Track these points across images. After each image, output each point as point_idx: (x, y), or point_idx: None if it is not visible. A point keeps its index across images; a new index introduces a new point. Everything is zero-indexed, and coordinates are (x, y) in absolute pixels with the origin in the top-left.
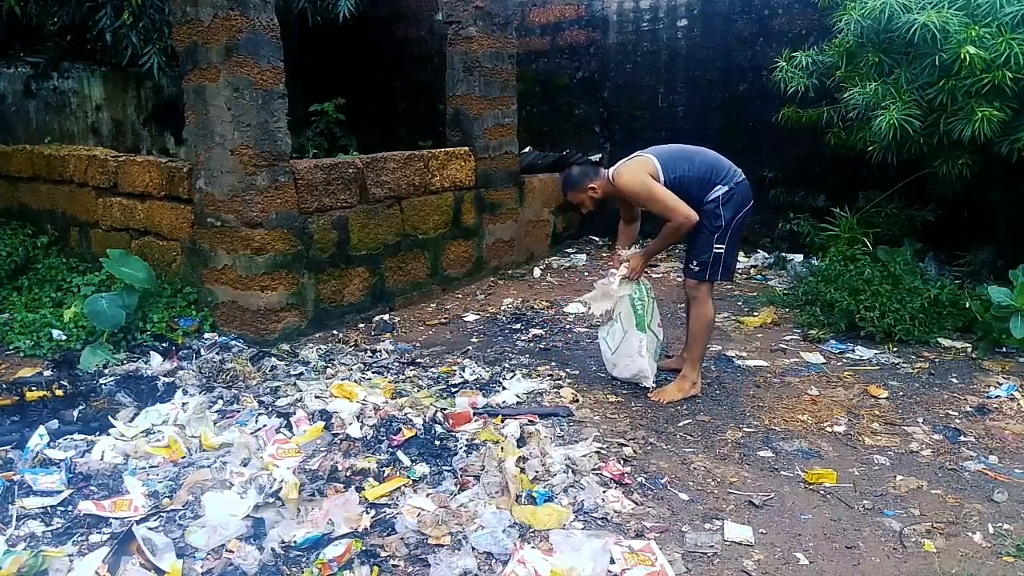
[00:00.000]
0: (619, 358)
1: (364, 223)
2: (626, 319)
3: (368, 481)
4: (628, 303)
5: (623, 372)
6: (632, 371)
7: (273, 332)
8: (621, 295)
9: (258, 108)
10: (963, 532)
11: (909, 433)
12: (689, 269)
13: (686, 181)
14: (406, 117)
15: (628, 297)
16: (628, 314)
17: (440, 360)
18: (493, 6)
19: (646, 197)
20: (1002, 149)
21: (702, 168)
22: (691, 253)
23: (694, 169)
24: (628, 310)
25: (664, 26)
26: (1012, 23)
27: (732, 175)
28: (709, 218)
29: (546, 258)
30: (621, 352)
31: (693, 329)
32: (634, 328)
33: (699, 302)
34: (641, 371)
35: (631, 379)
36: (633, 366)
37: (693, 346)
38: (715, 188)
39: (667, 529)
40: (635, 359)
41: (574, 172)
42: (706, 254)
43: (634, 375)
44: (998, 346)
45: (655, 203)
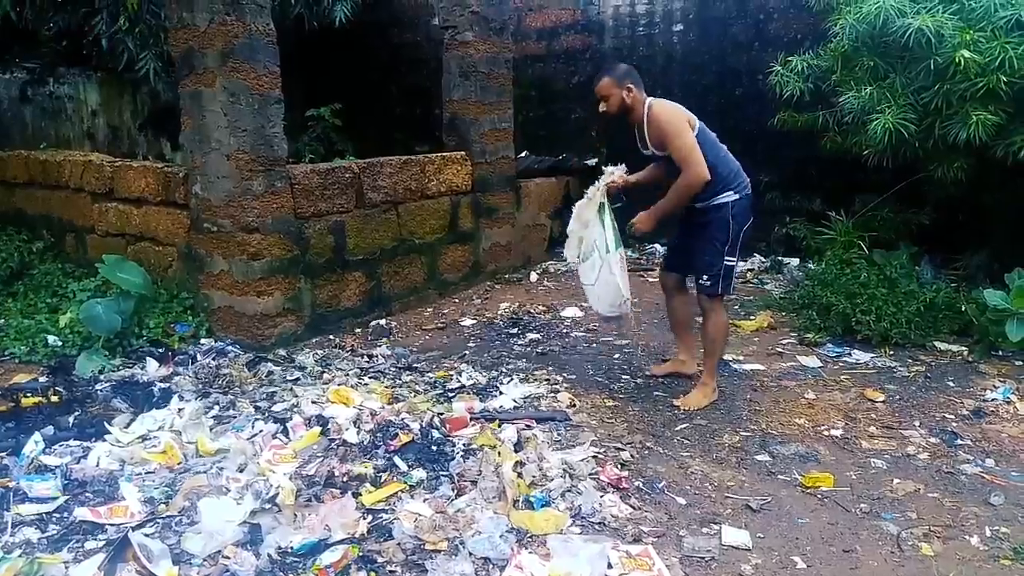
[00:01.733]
0: (600, 287)
1: (361, 228)
2: (600, 244)
3: (365, 486)
4: (599, 224)
5: (603, 303)
6: (611, 298)
7: (269, 337)
8: (592, 217)
9: (254, 113)
10: (960, 535)
11: (906, 436)
12: (701, 284)
13: (709, 165)
14: (403, 122)
15: (598, 217)
16: (601, 237)
17: (437, 365)
18: (489, 11)
19: (674, 133)
20: (997, 152)
21: (726, 164)
22: (699, 266)
23: (719, 161)
24: (600, 232)
25: (660, 31)
26: (1006, 27)
27: (745, 184)
28: (720, 229)
29: (543, 262)
30: (601, 279)
31: (713, 337)
32: (613, 249)
33: (715, 312)
34: (619, 296)
35: (612, 311)
36: (611, 291)
37: (712, 354)
38: (727, 192)
39: (664, 534)
40: (613, 280)
41: (621, 66)
42: (716, 267)
43: (614, 305)
44: (994, 349)
45: (679, 142)
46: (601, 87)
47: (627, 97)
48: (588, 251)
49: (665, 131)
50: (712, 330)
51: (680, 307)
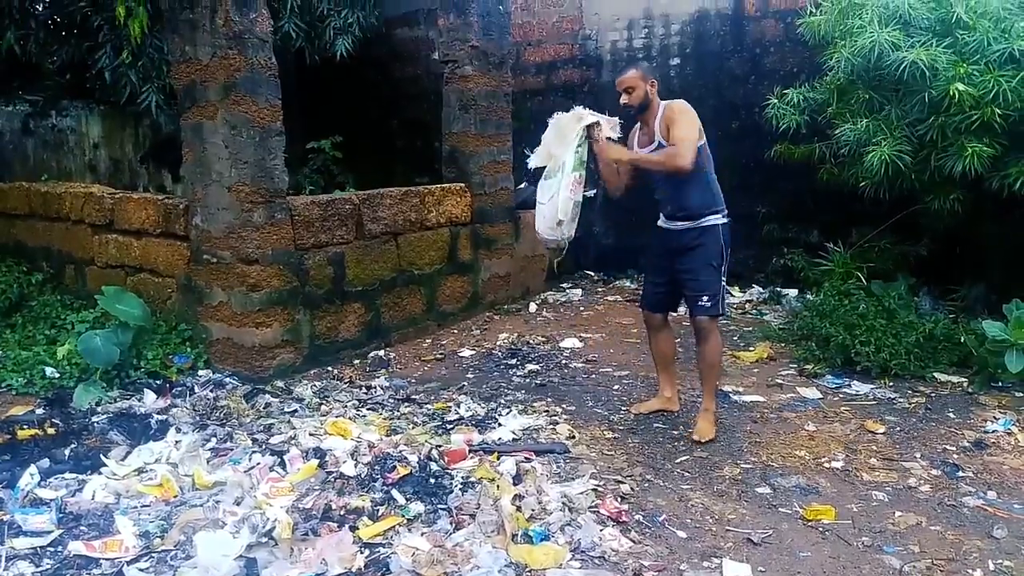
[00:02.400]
0: (549, 207)
1: (360, 259)
2: (565, 164)
3: (362, 520)
4: (572, 149)
5: (544, 223)
6: (551, 219)
7: (268, 369)
8: (571, 140)
9: (255, 145)
10: (963, 569)
11: (907, 468)
12: (701, 306)
13: (708, 179)
14: (402, 154)
15: (575, 144)
16: (569, 157)
17: (435, 396)
18: (489, 46)
19: (684, 122)
20: (992, 184)
21: (718, 185)
22: (698, 288)
23: (714, 180)
24: (571, 155)
25: (657, 64)
26: (999, 61)
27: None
28: (715, 250)
29: (542, 293)
30: (552, 199)
31: (711, 362)
32: (569, 170)
33: (713, 334)
34: (555, 217)
35: (551, 234)
36: (553, 211)
37: (711, 378)
38: (717, 213)
39: (665, 568)
40: (559, 199)
41: (644, 63)
42: (715, 286)
43: (551, 226)
44: (994, 380)
45: (683, 132)
46: (628, 78)
47: (650, 92)
48: (553, 170)
49: (677, 119)
50: (710, 354)
51: (666, 342)
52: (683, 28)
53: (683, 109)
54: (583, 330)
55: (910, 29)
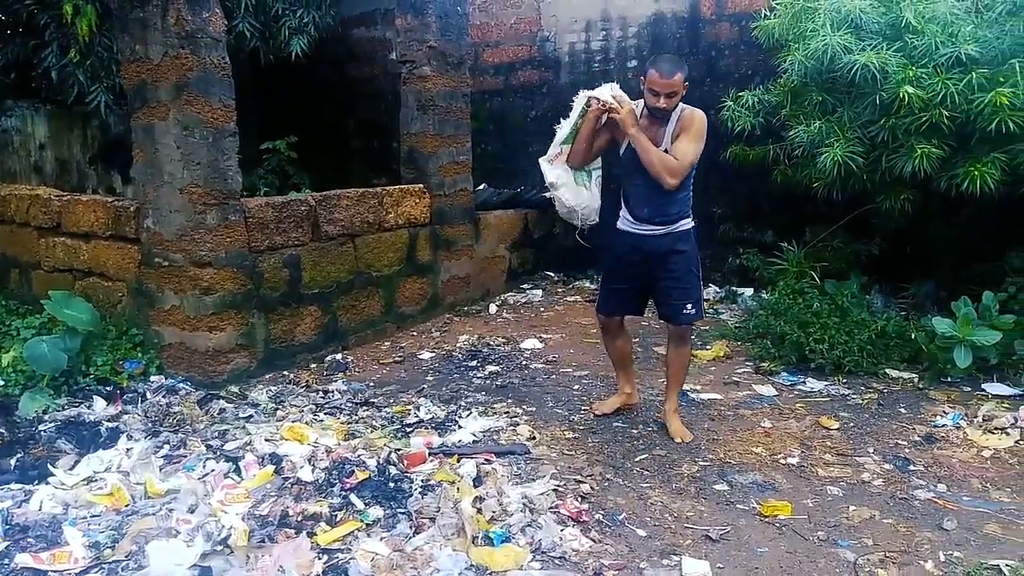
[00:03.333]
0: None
1: (316, 261)
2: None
3: (320, 526)
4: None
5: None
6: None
7: (222, 374)
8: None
9: (208, 146)
10: (915, 561)
11: (860, 463)
12: (686, 314)
13: (686, 185)
14: (360, 155)
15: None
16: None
17: (394, 399)
18: (447, 46)
19: (696, 137)
20: (941, 185)
21: (690, 190)
22: (684, 296)
23: (690, 183)
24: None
25: (615, 67)
26: (947, 64)
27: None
28: (695, 257)
29: (502, 294)
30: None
31: (684, 364)
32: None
33: (687, 342)
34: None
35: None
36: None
37: (682, 379)
38: (688, 217)
39: (625, 567)
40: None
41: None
42: (698, 292)
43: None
44: (943, 376)
45: (692, 151)
46: (676, 82)
47: (684, 92)
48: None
49: (691, 131)
50: (685, 356)
51: (624, 344)
52: (640, 30)
53: (702, 121)
54: (543, 331)
55: (861, 33)
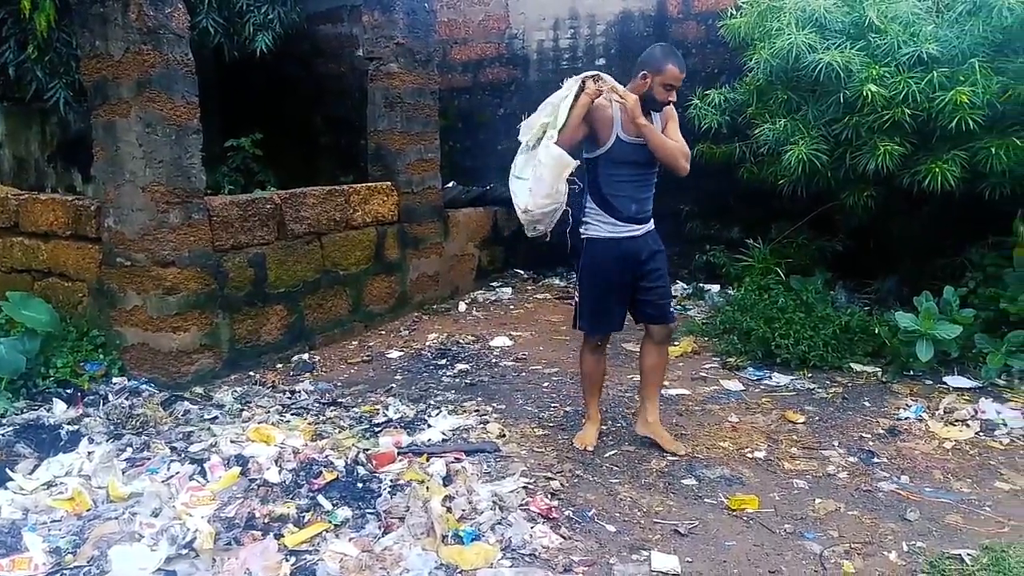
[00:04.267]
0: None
1: (282, 260)
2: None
3: (287, 527)
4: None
5: (521, 191)
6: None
7: (186, 375)
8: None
9: (171, 144)
10: (879, 552)
11: (826, 457)
12: (671, 313)
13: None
14: (326, 152)
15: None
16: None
17: (362, 399)
18: (415, 43)
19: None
20: (903, 182)
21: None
22: (668, 295)
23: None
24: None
25: (583, 65)
26: (909, 63)
27: None
28: (666, 256)
29: (471, 292)
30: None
31: (665, 365)
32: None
33: (669, 341)
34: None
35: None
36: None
37: (660, 387)
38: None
39: (595, 563)
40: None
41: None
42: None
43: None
44: (906, 369)
45: (679, 136)
46: (682, 76)
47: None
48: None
49: (676, 119)
50: (666, 361)
51: (604, 365)
52: (608, 29)
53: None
54: (513, 328)
55: (826, 32)
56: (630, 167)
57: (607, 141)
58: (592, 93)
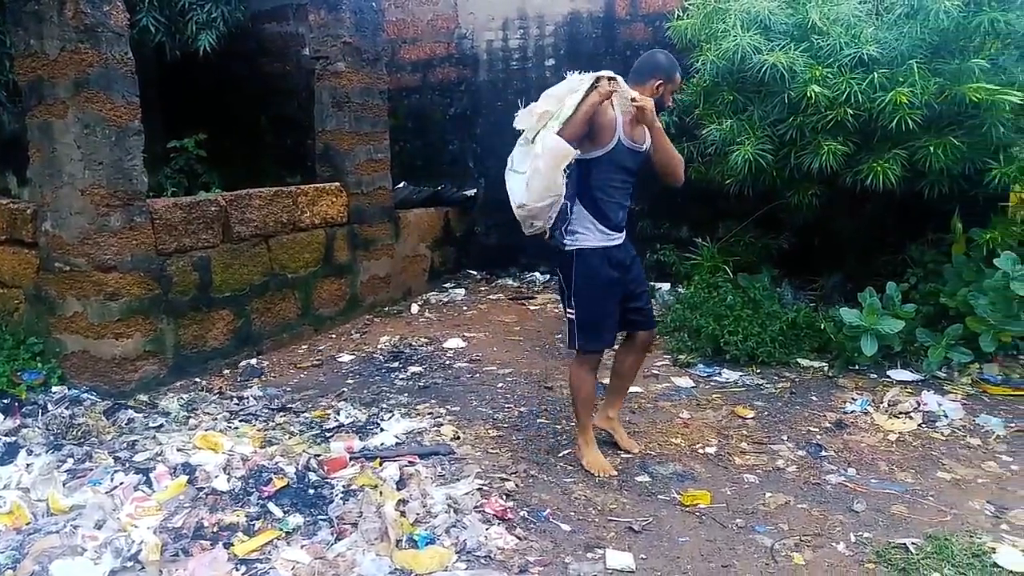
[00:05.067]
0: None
1: (228, 263)
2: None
3: (237, 536)
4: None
5: (517, 186)
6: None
7: (130, 382)
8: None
9: (111, 145)
10: (828, 543)
11: (775, 451)
12: (654, 317)
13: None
14: (273, 153)
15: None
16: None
17: (313, 404)
18: (362, 42)
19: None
20: (846, 180)
21: None
22: (649, 299)
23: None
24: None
25: (533, 65)
26: (851, 64)
27: None
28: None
29: (424, 294)
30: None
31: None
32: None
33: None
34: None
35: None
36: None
37: (630, 386)
38: None
39: (550, 562)
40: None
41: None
42: None
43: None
44: (851, 364)
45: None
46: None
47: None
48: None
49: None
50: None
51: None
52: (557, 29)
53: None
54: (466, 330)
55: (770, 33)
56: (624, 173)
57: (607, 143)
58: (604, 93)
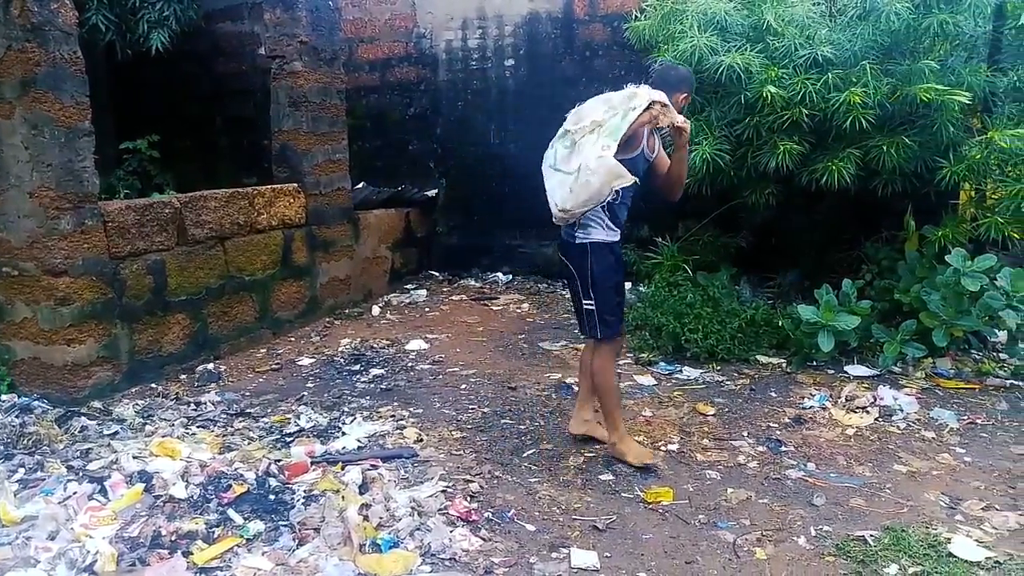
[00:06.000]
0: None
1: (183, 266)
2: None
3: (196, 544)
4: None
5: (561, 187)
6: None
7: (83, 389)
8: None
9: (60, 147)
10: (789, 537)
11: (736, 447)
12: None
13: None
14: (228, 153)
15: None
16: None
17: (273, 409)
18: (319, 42)
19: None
20: (802, 179)
21: None
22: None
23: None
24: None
25: (492, 65)
26: (805, 65)
27: None
28: None
29: (385, 295)
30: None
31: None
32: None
33: None
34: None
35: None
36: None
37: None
38: None
39: (515, 563)
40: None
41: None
42: None
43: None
44: (809, 360)
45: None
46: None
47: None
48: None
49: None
50: None
51: None
52: (516, 29)
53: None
54: (429, 331)
55: (727, 35)
56: (636, 177)
57: (633, 152)
58: (653, 122)
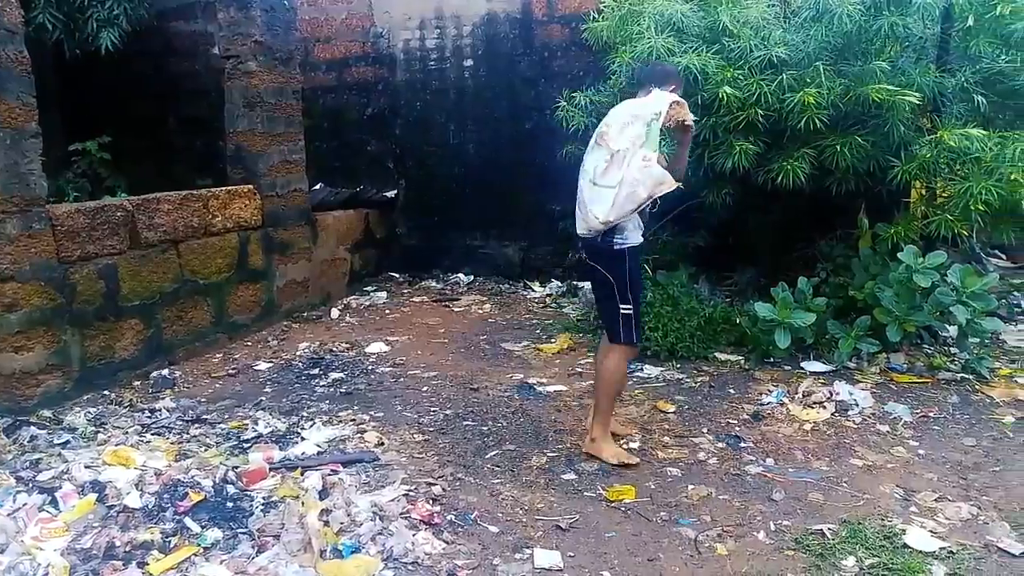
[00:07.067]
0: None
1: (136, 270)
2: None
3: (152, 554)
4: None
5: (603, 200)
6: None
7: (31, 398)
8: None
9: (6, 149)
10: (749, 533)
11: (696, 444)
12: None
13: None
14: (181, 155)
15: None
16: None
17: (229, 415)
18: (274, 41)
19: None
20: (758, 179)
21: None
22: None
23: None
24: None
25: (451, 65)
26: (760, 66)
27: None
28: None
29: (344, 298)
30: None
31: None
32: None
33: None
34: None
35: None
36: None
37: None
38: None
39: (479, 565)
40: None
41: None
42: None
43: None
44: (766, 357)
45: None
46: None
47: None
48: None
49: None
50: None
51: None
52: (474, 29)
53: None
54: (389, 333)
55: (683, 36)
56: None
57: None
58: (670, 119)
